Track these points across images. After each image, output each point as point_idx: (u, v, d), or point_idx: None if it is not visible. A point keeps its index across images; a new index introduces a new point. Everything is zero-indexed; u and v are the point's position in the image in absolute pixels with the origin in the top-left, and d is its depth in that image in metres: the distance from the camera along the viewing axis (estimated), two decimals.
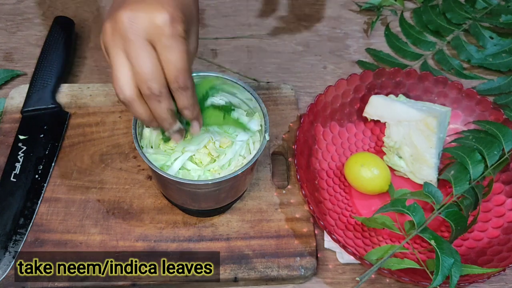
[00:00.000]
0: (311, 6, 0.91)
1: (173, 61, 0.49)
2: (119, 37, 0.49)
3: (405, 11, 0.91)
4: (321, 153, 0.72)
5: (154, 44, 0.49)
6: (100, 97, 0.75)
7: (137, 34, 0.48)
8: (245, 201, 0.68)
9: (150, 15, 0.48)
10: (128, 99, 0.50)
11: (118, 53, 0.49)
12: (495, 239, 0.66)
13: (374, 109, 0.72)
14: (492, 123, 0.70)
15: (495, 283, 0.65)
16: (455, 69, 0.83)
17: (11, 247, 0.63)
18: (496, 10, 0.88)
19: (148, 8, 0.48)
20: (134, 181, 0.69)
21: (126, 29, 0.48)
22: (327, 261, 0.66)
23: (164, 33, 0.48)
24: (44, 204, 0.67)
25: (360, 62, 0.84)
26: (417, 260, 0.62)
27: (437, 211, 0.63)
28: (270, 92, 0.77)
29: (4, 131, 0.72)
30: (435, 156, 0.68)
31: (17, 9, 0.88)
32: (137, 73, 0.49)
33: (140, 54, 0.48)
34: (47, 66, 0.75)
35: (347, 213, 0.68)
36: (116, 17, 0.49)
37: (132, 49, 0.48)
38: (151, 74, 0.49)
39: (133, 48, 0.48)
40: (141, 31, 0.48)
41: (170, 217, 0.66)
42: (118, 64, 0.49)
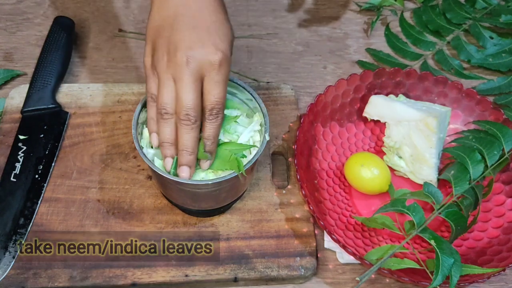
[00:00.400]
0: (311, 6, 0.91)
1: (217, 94, 0.57)
2: (173, 69, 0.56)
3: (405, 11, 0.91)
4: (321, 153, 0.72)
5: (203, 76, 0.56)
6: (100, 97, 0.75)
7: (191, 73, 0.55)
8: (245, 201, 0.68)
9: (207, 56, 0.55)
10: (167, 113, 0.57)
11: (168, 80, 0.56)
12: (495, 239, 0.66)
13: (374, 109, 0.72)
14: (492, 123, 0.70)
15: (495, 283, 0.65)
16: (455, 69, 0.83)
17: (11, 247, 0.63)
18: (496, 10, 0.88)
19: (206, 49, 0.56)
20: (134, 181, 0.69)
21: (182, 69, 0.55)
22: (327, 261, 0.66)
23: (214, 71, 0.56)
24: (44, 204, 0.67)
25: (360, 62, 0.84)
26: (417, 260, 0.62)
27: (437, 211, 0.63)
28: (270, 92, 0.77)
29: (4, 131, 0.72)
30: (435, 156, 0.68)
31: (17, 9, 0.88)
32: (180, 102, 0.56)
33: (189, 90, 0.56)
34: (47, 66, 0.75)
35: (347, 213, 0.68)
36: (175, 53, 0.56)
37: (183, 84, 0.56)
38: (193, 105, 0.56)
39: (184, 84, 0.55)
40: (196, 70, 0.56)
41: (170, 217, 0.66)
42: (165, 88, 0.56)
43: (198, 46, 0.56)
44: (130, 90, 0.76)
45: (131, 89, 0.76)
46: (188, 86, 0.55)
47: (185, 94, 0.56)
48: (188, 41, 0.56)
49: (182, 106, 0.56)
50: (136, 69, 0.81)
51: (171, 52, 0.56)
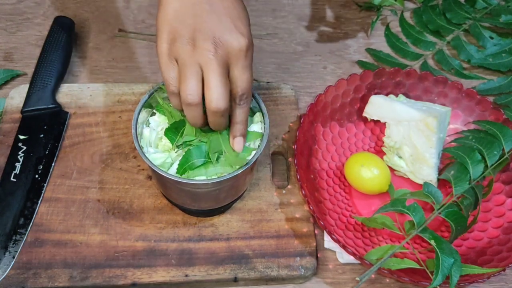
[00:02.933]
0: (311, 6, 0.91)
1: (245, 79, 0.56)
2: (200, 57, 0.54)
3: (405, 11, 0.91)
4: (321, 153, 0.72)
5: (230, 63, 0.56)
6: (100, 97, 0.75)
7: (220, 60, 0.55)
8: (245, 201, 0.68)
9: (234, 43, 0.55)
10: (194, 102, 0.56)
11: (195, 66, 0.55)
12: (495, 239, 0.66)
13: (374, 109, 0.72)
14: (492, 123, 0.70)
15: (495, 283, 0.65)
16: (455, 69, 0.83)
17: (11, 247, 0.63)
18: (496, 10, 0.88)
19: (232, 35, 0.55)
20: (134, 181, 0.69)
21: (210, 55, 0.54)
22: (327, 261, 0.66)
23: (242, 57, 0.56)
24: (44, 204, 0.67)
25: (360, 62, 0.84)
26: (417, 260, 0.62)
27: (437, 211, 0.63)
28: (270, 92, 0.77)
29: (4, 131, 0.72)
30: (435, 156, 0.68)
31: (17, 9, 0.88)
32: (209, 90, 0.55)
33: (219, 78, 0.55)
34: (47, 66, 0.75)
35: (347, 213, 0.68)
36: (201, 41, 0.54)
37: (212, 72, 0.54)
38: (222, 96, 0.55)
39: (213, 72, 0.54)
40: (224, 57, 0.55)
41: (170, 217, 0.66)
42: (191, 73, 0.55)
43: (225, 33, 0.55)
44: (130, 90, 0.76)
45: (131, 89, 0.76)
46: (218, 73, 0.54)
47: (215, 83, 0.54)
48: (214, 28, 0.55)
49: (212, 95, 0.55)
50: (136, 69, 0.81)
51: (196, 40, 0.54)
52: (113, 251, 0.64)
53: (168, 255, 0.64)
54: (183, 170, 0.59)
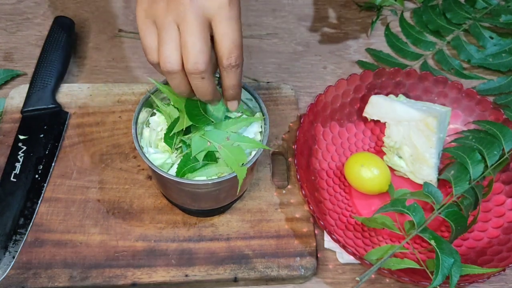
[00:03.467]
0: (311, 6, 0.91)
1: (231, 35, 0.50)
2: (175, 13, 0.49)
3: (405, 11, 0.91)
4: (321, 153, 0.72)
5: (212, 19, 0.49)
6: (100, 97, 0.75)
7: (197, 13, 0.49)
8: (245, 201, 0.68)
9: None
10: (173, 70, 0.51)
11: (171, 26, 0.50)
12: (495, 239, 0.66)
13: (374, 109, 0.72)
14: (492, 123, 0.70)
15: (495, 283, 0.65)
16: (455, 69, 0.83)
17: (11, 247, 0.63)
18: (496, 10, 0.88)
19: None
20: (134, 181, 0.69)
21: (186, 7, 0.48)
22: (327, 261, 0.66)
23: (224, 10, 0.49)
24: (44, 204, 0.67)
25: (360, 62, 0.84)
26: (417, 260, 0.62)
27: (437, 211, 0.63)
28: (270, 92, 0.77)
29: (4, 131, 0.72)
30: (435, 156, 0.68)
31: (17, 9, 0.88)
32: (186, 50, 0.49)
33: (196, 32, 0.49)
34: (47, 66, 0.75)
35: (347, 213, 0.68)
36: None
37: (188, 28, 0.49)
38: (200, 54, 0.49)
39: (190, 28, 0.49)
40: (201, 10, 0.49)
41: (170, 217, 0.66)
42: (168, 37, 0.50)
43: None
44: (130, 90, 0.76)
45: (131, 89, 0.76)
46: (194, 28, 0.49)
47: (191, 40, 0.49)
48: None
49: (188, 54, 0.49)
50: (136, 69, 0.81)
51: None
52: (113, 251, 0.64)
53: (168, 255, 0.64)
54: (182, 173, 0.59)
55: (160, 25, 0.50)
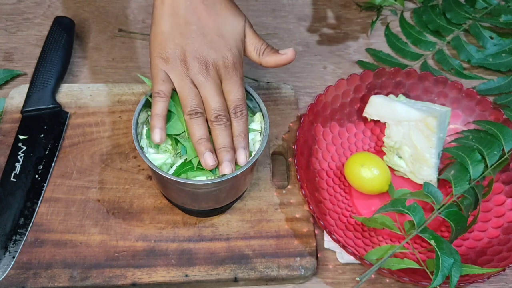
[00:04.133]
0: (311, 6, 0.91)
1: (236, 92, 0.60)
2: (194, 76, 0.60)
3: (405, 11, 0.91)
4: (321, 153, 0.72)
5: (222, 79, 0.60)
6: (100, 97, 0.75)
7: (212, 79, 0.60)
8: (245, 201, 0.68)
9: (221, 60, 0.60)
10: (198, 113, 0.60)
11: (190, 83, 0.60)
12: (495, 239, 0.66)
13: (374, 109, 0.72)
14: (492, 123, 0.70)
15: (495, 283, 0.65)
16: (455, 69, 0.83)
17: (11, 247, 0.63)
18: (496, 10, 0.88)
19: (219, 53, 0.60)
20: (134, 181, 0.69)
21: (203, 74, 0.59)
22: (327, 261, 0.66)
23: (230, 72, 0.60)
24: (44, 204, 0.67)
25: (360, 62, 0.84)
26: (417, 260, 0.62)
27: (437, 211, 0.63)
28: (270, 92, 0.77)
29: (4, 131, 0.72)
30: (435, 156, 0.68)
31: (17, 9, 0.88)
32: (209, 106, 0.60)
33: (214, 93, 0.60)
34: (47, 66, 0.75)
35: (347, 213, 0.68)
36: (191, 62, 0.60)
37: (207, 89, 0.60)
38: (221, 107, 0.60)
39: (208, 89, 0.60)
40: (214, 74, 0.60)
41: (170, 217, 0.66)
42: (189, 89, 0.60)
43: (212, 52, 0.60)
44: (130, 90, 0.76)
45: (131, 89, 0.76)
46: (212, 90, 0.59)
47: (211, 98, 0.59)
48: (202, 49, 0.59)
49: (211, 108, 0.59)
50: (136, 69, 0.81)
51: (187, 61, 0.59)
52: (113, 251, 0.64)
53: (168, 255, 0.64)
54: (179, 175, 0.59)
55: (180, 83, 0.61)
